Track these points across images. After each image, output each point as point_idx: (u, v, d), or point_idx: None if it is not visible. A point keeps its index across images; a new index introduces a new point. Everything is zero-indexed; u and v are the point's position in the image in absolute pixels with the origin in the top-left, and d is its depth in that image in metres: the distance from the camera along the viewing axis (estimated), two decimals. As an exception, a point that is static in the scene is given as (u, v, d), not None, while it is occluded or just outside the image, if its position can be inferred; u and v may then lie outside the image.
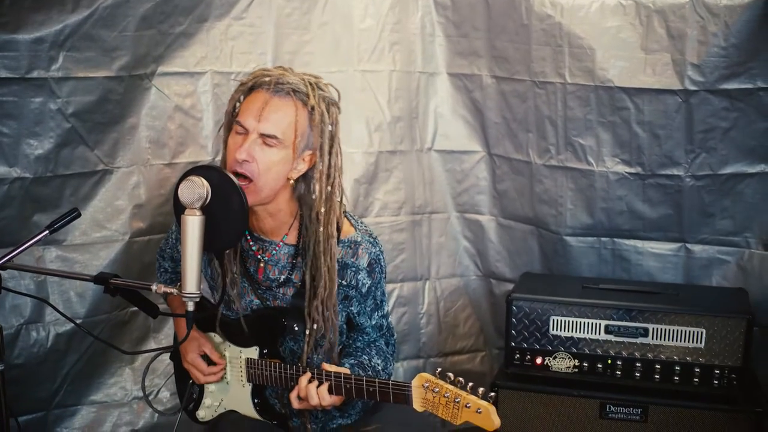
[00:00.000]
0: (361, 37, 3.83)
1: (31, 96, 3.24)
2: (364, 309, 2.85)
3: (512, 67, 3.79)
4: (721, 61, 3.36)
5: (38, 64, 3.21)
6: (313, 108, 2.59)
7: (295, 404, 2.67)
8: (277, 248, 2.77)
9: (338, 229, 2.74)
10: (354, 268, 2.76)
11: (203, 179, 2.38)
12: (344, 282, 2.77)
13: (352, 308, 2.83)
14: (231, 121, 2.67)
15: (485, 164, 4.04)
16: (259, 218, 2.74)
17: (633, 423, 3.30)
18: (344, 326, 2.88)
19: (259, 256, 2.79)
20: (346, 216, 2.81)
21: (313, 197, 2.66)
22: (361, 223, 2.87)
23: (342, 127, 3.66)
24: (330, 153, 2.65)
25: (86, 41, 3.28)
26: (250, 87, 2.65)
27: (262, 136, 2.56)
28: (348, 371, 2.66)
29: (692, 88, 3.42)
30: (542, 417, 3.40)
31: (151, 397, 3.70)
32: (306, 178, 2.69)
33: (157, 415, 3.76)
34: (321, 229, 2.66)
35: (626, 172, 3.64)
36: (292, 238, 2.74)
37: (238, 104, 2.67)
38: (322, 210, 2.65)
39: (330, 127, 2.63)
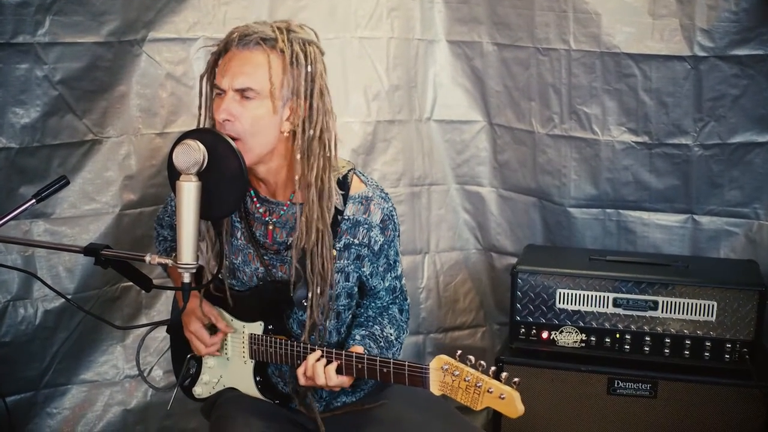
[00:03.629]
0: (358, 3, 3.73)
1: (16, 62, 3.12)
2: (377, 269, 2.74)
3: (514, 33, 3.70)
4: (731, 26, 3.27)
5: (24, 28, 3.09)
6: (283, 51, 2.46)
7: (302, 381, 2.57)
8: (284, 208, 2.65)
9: (346, 186, 2.64)
10: (366, 225, 2.65)
11: (199, 143, 2.26)
12: (356, 240, 2.66)
13: (364, 269, 2.71)
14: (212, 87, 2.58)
15: (486, 134, 3.96)
16: (267, 181, 2.63)
17: (642, 399, 3.23)
18: (355, 289, 2.76)
19: (267, 218, 2.68)
20: (355, 173, 2.70)
21: (296, 143, 2.53)
22: (372, 179, 2.76)
23: (339, 96, 3.65)
24: (311, 94, 2.50)
25: (74, 5, 3.16)
26: (223, 49, 2.53)
27: (237, 91, 2.45)
28: (361, 349, 2.57)
29: (701, 54, 3.34)
30: (548, 393, 3.32)
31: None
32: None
33: (150, 394, 3.69)
34: (304, 172, 2.52)
35: (632, 142, 3.56)
36: (299, 198, 2.62)
37: (215, 69, 2.56)
38: (298, 157, 2.51)
39: (309, 68, 2.49)
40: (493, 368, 2.35)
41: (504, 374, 2.33)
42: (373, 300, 2.84)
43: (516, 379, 2.33)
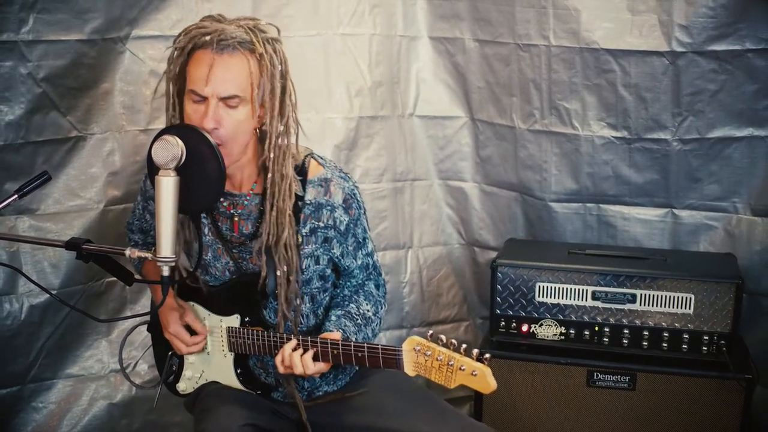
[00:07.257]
0: (340, 0, 3.74)
1: (0, 60, 3.14)
2: (347, 249, 2.77)
3: (495, 29, 3.72)
4: (709, 22, 3.29)
5: (7, 26, 3.11)
6: (261, 55, 2.47)
7: (280, 369, 2.60)
8: (247, 199, 2.68)
9: (304, 171, 2.68)
10: (329, 207, 2.68)
11: (178, 138, 2.30)
12: (321, 223, 2.68)
13: (335, 251, 2.75)
14: (182, 88, 2.56)
15: (468, 130, 3.98)
16: (233, 176, 2.66)
17: (621, 391, 3.27)
18: (328, 271, 2.79)
19: (231, 211, 2.70)
20: (312, 157, 2.73)
21: (269, 142, 2.55)
22: (331, 161, 2.78)
23: (322, 92, 3.68)
24: (283, 92, 2.55)
25: (57, 3, 3.17)
26: (191, 49, 2.50)
27: (223, 99, 2.46)
28: (338, 335, 2.60)
29: (680, 49, 3.36)
30: (528, 386, 3.36)
31: (128, 370, 3.63)
32: None
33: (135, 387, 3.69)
34: (276, 169, 2.57)
35: (612, 137, 3.58)
36: (259, 187, 2.65)
37: (181, 68, 2.54)
38: (272, 155, 2.55)
39: (280, 67, 2.52)
40: (464, 346, 2.38)
41: (475, 351, 2.38)
42: (348, 279, 2.87)
43: (487, 355, 2.37)
